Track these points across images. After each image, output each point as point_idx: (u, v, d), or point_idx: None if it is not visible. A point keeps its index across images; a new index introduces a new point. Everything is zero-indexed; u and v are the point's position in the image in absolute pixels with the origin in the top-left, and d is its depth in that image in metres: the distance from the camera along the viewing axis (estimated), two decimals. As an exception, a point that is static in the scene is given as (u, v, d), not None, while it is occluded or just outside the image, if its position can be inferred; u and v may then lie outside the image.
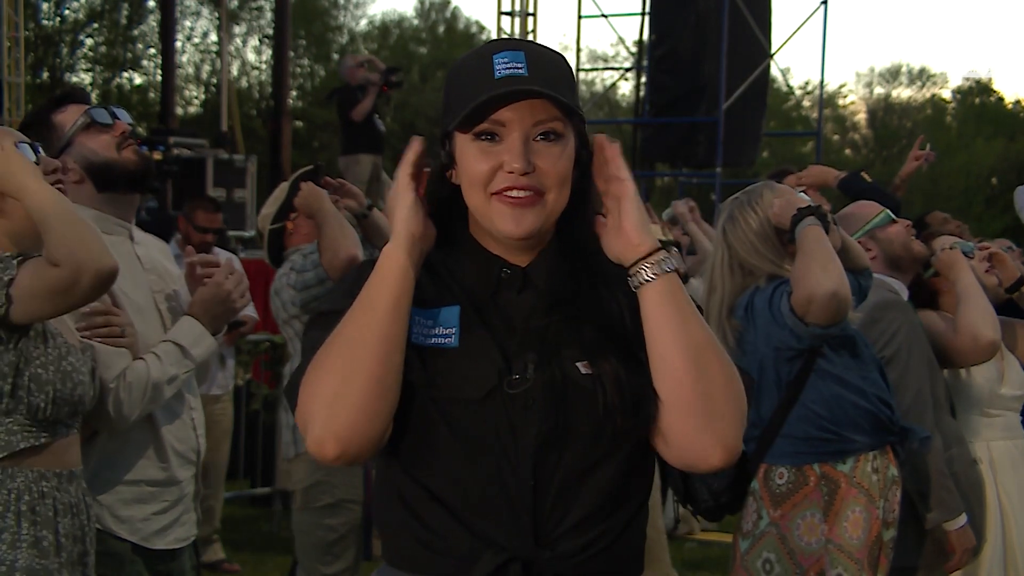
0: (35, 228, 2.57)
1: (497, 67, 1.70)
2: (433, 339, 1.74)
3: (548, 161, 1.71)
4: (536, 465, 1.70)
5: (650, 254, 1.68)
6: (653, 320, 1.69)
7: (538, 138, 1.71)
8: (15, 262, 2.47)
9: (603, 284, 1.81)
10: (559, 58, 1.77)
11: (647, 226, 1.71)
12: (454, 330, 1.74)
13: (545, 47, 1.80)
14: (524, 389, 1.71)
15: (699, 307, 1.76)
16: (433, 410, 1.71)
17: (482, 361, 1.72)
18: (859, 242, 3.59)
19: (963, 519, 3.54)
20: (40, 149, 2.65)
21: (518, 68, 1.69)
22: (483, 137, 1.72)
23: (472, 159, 1.72)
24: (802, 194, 3.29)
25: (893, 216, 3.86)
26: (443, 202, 1.80)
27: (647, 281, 1.68)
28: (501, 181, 1.70)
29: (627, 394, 1.72)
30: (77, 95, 3.03)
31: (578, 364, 1.73)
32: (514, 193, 1.70)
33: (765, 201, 3.28)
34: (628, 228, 1.70)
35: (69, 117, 2.95)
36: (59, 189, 2.61)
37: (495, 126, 1.71)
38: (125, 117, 3.02)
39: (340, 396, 1.65)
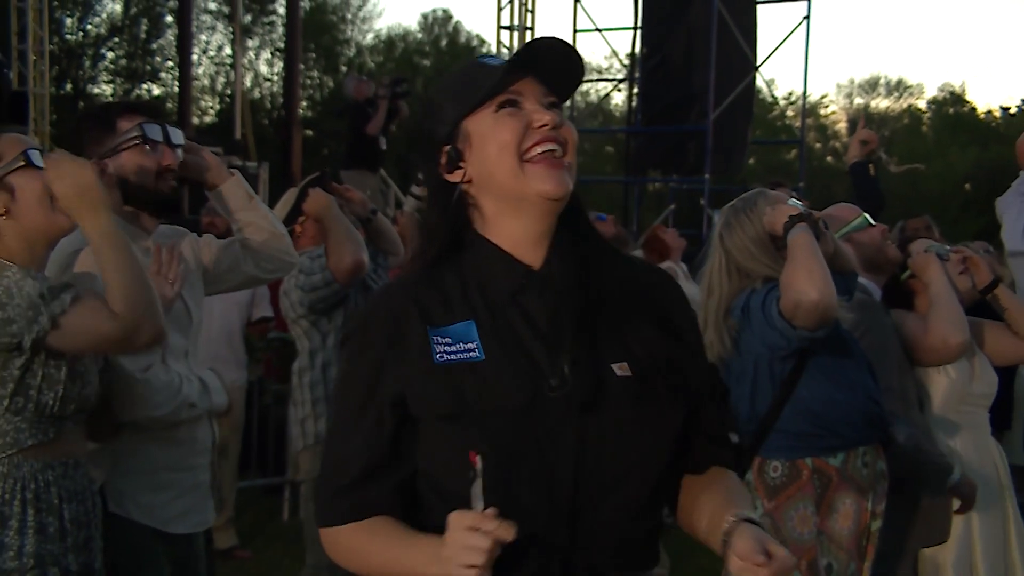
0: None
1: (488, 61, 1.74)
2: (459, 355, 1.65)
3: (564, 123, 1.72)
4: (577, 468, 1.63)
5: None
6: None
7: (549, 107, 1.72)
8: (68, 297, 2.45)
9: (617, 265, 1.79)
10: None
11: None
12: (475, 343, 1.66)
13: None
14: (564, 393, 1.63)
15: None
16: (469, 428, 1.62)
17: (515, 370, 1.64)
18: (838, 243, 3.58)
19: (955, 477, 3.58)
20: (44, 150, 2.62)
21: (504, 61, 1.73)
22: (505, 106, 1.71)
23: (499, 127, 1.70)
24: (794, 201, 3.27)
25: (871, 220, 3.85)
26: (451, 207, 1.76)
27: None
28: (533, 136, 1.69)
29: (665, 390, 1.68)
30: (150, 110, 2.98)
31: (614, 366, 1.67)
32: (548, 146, 1.68)
33: (759, 208, 3.26)
34: None
35: (129, 127, 2.90)
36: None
37: (514, 95, 1.71)
38: (178, 138, 2.98)
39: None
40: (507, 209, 1.73)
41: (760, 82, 15.18)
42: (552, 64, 1.71)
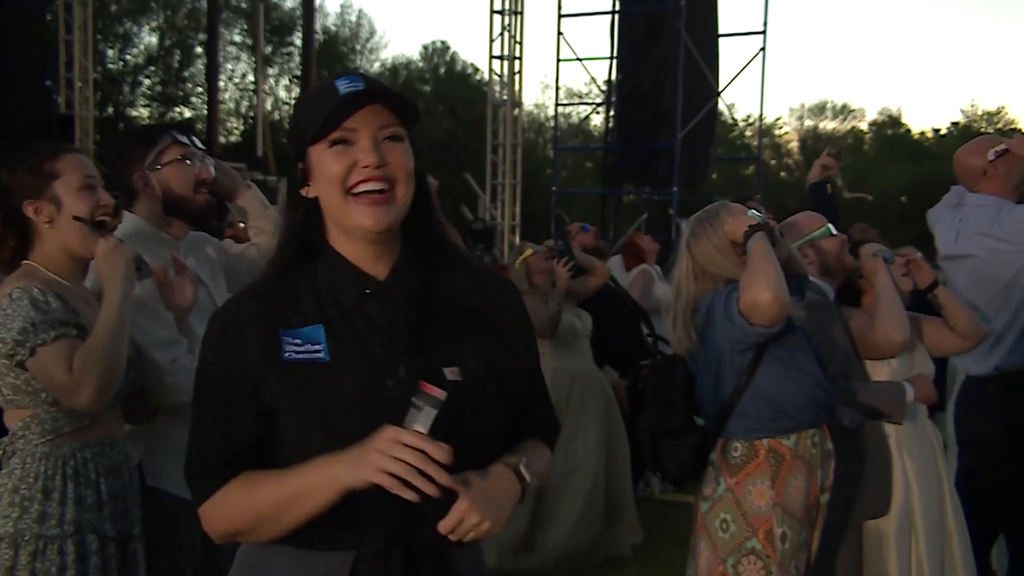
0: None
1: (340, 87, 1.65)
2: (306, 355, 1.63)
3: (396, 156, 1.66)
4: None
5: None
6: None
7: (384, 140, 1.66)
8: (52, 334, 2.44)
9: (462, 277, 1.77)
10: (392, 86, 1.74)
11: None
12: (322, 346, 1.63)
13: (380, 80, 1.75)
14: (399, 394, 1.59)
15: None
16: (312, 423, 1.60)
17: (355, 370, 1.62)
18: (799, 249, 3.58)
19: (910, 392, 3.63)
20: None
21: (358, 86, 1.65)
22: (337, 143, 1.66)
23: (329, 163, 1.66)
24: (753, 212, 3.28)
25: (833, 231, 3.85)
26: (303, 218, 1.73)
27: None
28: (357, 175, 1.64)
29: (492, 392, 1.67)
30: (186, 130, 2.98)
31: (445, 370, 1.64)
32: (371, 186, 1.64)
33: (722, 219, 3.26)
34: None
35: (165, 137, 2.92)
36: (101, 221, 2.58)
37: (347, 133, 1.65)
38: (198, 143, 2.98)
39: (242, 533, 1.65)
40: (342, 231, 1.70)
41: (722, 106, 15.21)
42: (386, 98, 1.67)
